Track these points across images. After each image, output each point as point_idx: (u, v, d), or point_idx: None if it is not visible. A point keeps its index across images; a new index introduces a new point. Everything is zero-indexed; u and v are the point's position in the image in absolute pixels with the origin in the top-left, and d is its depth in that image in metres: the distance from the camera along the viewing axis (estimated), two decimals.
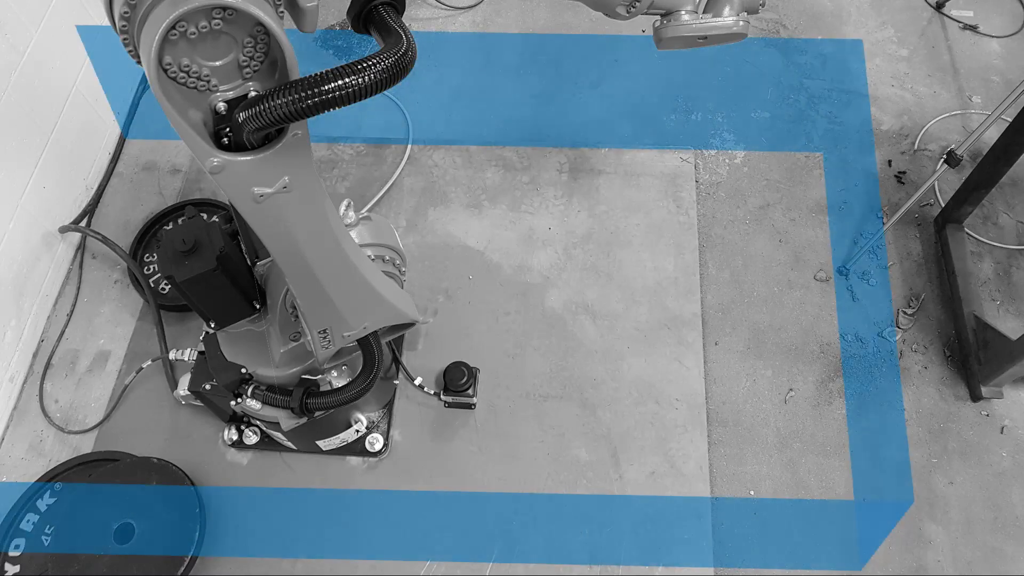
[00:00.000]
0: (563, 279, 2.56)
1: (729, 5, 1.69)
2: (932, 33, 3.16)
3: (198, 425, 2.31)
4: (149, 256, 2.57)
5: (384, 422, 2.31)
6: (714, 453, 2.27)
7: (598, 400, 2.34)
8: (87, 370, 2.43)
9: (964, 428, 2.31)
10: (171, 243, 1.64)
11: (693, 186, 2.75)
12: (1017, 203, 2.70)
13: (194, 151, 1.23)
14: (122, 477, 2.07)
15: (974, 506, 2.19)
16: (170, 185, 2.79)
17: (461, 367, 2.29)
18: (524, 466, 2.25)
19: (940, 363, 2.42)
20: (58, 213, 2.56)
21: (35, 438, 2.32)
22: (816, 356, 2.43)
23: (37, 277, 2.46)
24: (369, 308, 1.77)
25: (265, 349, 1.90)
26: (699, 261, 2.59)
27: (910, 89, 3.00)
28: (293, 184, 1.35)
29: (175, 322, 2.46)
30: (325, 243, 1.54)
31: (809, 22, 3.20)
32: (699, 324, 2.47)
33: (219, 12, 1.10)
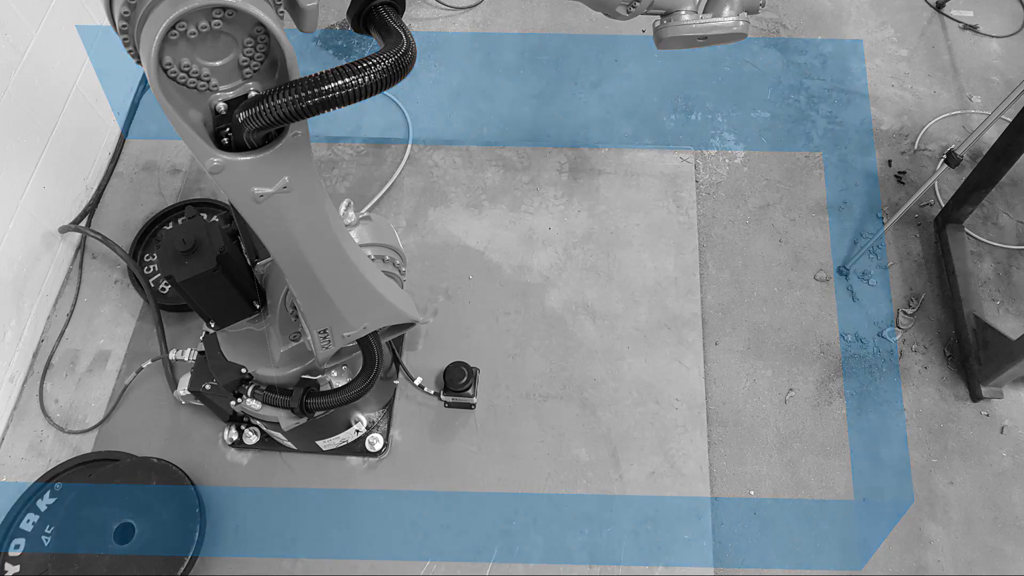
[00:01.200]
0: (563, 279, 2.56)
1: (729, 5, 1.70)
2: (932, 33, 3.16)
3: (198, 425, 2.31)
4: (149, 256, 2.57)
5: (384, 422, 2.31)
6: (714, 453, 2.27)
7: (598, 400, 2.34)
8: (87, 370, 2.43)
9: (964, 428, 2.31)
10: (171, 243, 1.64)
11: (693, 186, 2.75)
12: (1017, 203, 2.70)
13: (194, 151, 1.24)
14: (122, 477, 2.07)
15: (974, 506, 2.19)
16: (170, 185, 2.79)
17: (461, 367, 2.29)
18: (524, 466, 2.25)
19: (940, 363, 2.42)
20: (58, 213, 2.56)
21: (35, 438, 2.32)
22: (816, 356, 2.43)
23: (37, 277, 2.46)
24: (369, 308, 1.77)
25: (265, 349, 1.90)
26: (699, 261, 2.59)
27: (910, 89, 3.00)
28: (293, 184, 1.35)
29: (175, 322, 2.46)
30: (325, 243, 1.54)
31: (809, 22, 3.20)
32: (699, 324, 2.47)
33: (219, 12, 1.10)
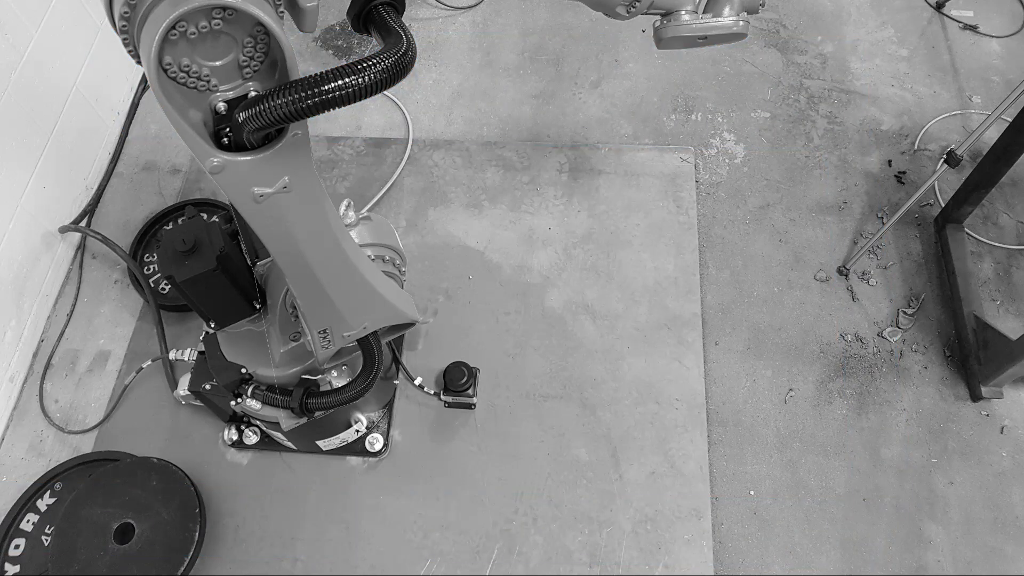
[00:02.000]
0: (563, 279, 2.56)
1: (729, 5, 1.70)
2: (932, 33, 3.16)
3: (198, 425, 2.31)
4: (149, 256, 2.57)
5: (384, 422, 2.31)
6: (714, 453, 2.27)
7: (598, 400, 2.34)
8: (87, 370, 2.43)
9: (964, 428, 2.31)
10: (171, 243, 1.64)
11: (693, 186, 2.75)
12: (1017, 203, 2.70)
13: (194, 151, 1.24)
14: (122, 477, 2.07)
15: (974, 506, 2.19)
16: (170, 185, 2.79)
17: (461, 367, 2.28)
18: (524, 466, 2.25)
19: (940, 363, 2.42)
20: (58, 213, 2.56)
21: (35, 438, 2.32)
22: (816, 356, 2.43)
23: (37, 277, 2.46)
24: (369, 308, 1.77)
25: (265, 349, 1.90)
26: (699, 261, 2.59)
27: (910, 89, 3.00)
28: (293, 184, 1.35)
29: (175, 322, 2.46)
30: (325, 243, 1.54)
31: (809, 22, 3.20)
32: (699, 324, 2.47)
33: (219, 12, 1.10)
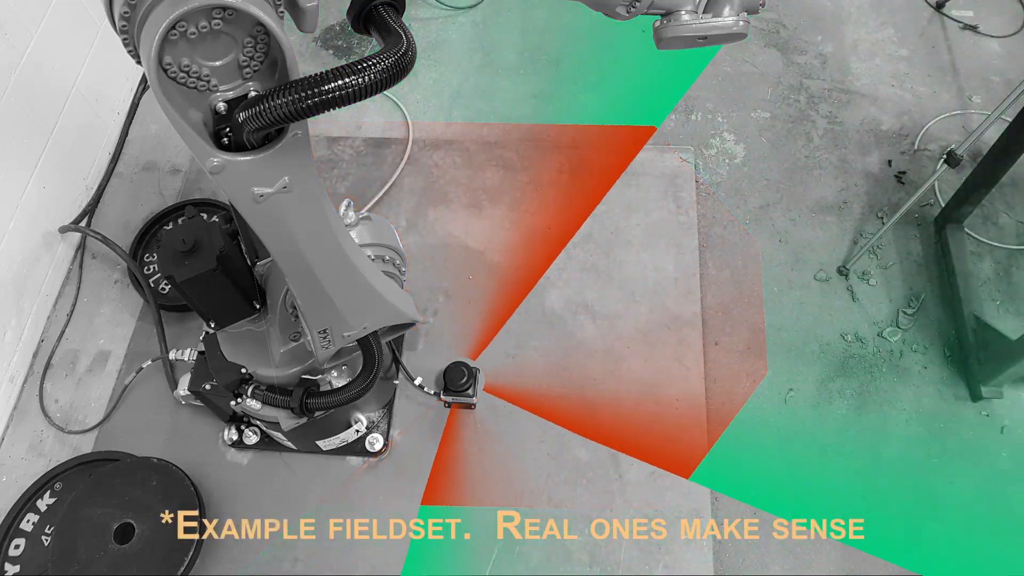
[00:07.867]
0: (563, 279, 2.56)
1: (729, 5, 1.69)
2: (932, 33, 3.16)
3: (198, 425, 2.31)
4: (149, 256, 2.57)
5: (384, 422, 2.31)
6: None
7: (598, 400, 2.34)
8: (87, 370, 2.43)
9: (964, 428, 2.30)
10: (171, 243, 1.64)
11: (693, 186, 2.75)
12: (1017, 203, 2.70)
13: (194, 151, 1.24)
14: (122, 477, 2.07)
15: (974, 506, 2.19)
16: (170, 185, 2.79)
17: (461, 367, 2.29)
18: (524, 466, 2.25)
19: (940, 363, 2.42)
20: (58, 213, 2.56)
21: (35, 438, 2.32)
22: (816, 356, 2.43)
23: (37, 277, 2.46)
24: (369, 308, 1.77)
25: (265, 349, 1.90)
26: (699, 261, 2.59)
27: (910, 89, 3.00)
28: (293, 184, 1.35)
29: (175, 322, 2.46)
30: (325, 243, 1.54)
31: (809, 22, 3.20)
32: (699, 324, 2.47)
33: (219, 12, 1.10)
